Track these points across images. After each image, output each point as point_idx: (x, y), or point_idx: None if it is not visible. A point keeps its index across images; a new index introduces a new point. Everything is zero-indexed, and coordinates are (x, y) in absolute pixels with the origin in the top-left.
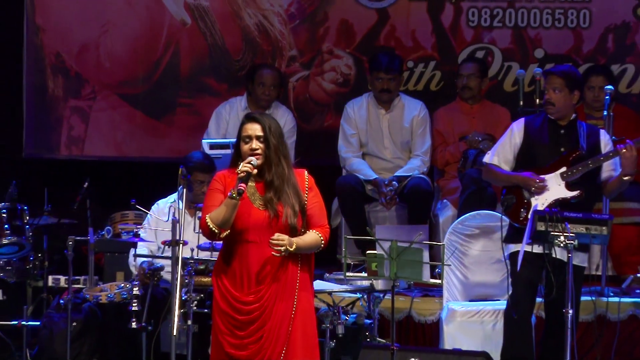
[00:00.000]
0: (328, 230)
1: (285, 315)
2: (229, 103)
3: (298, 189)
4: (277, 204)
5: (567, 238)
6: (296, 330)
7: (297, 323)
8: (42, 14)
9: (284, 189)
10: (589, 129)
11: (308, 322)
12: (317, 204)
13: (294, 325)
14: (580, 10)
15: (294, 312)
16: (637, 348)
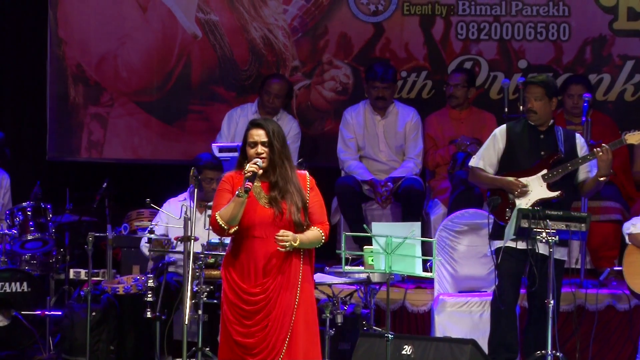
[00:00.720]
0: (328, 227)
1: (289, 305)
2: (240, 107)
3: (300, 188)
4: (281, 202)
5: (548, 234)
6: (299, 319)
7: (299, 312)
8: (64, 28)
9: (287, 189)
10: (565, 133)
11: (310, 312)
12: (318, 202)
13: (297, 315)
14: (560, 24)
15: (297, 303)
16: (614, 336)
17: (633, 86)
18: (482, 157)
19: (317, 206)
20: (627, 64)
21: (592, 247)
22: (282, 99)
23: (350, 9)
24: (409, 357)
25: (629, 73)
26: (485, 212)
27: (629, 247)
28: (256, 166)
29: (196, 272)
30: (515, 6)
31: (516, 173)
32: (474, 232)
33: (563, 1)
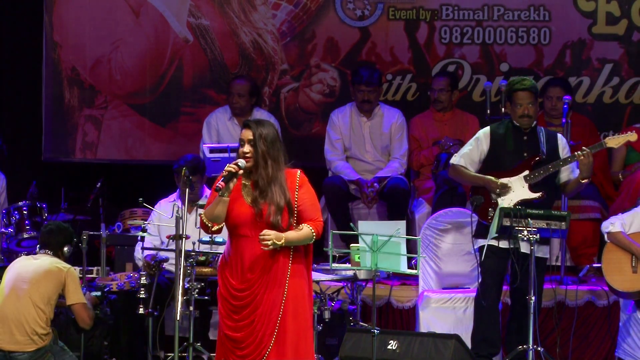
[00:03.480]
0: (320, 223)
1: (276, 302)
2: (215, 113)
3: (285, 189)
4: (261, 203)
5: (529, 232)
6: (287, 315)
7: (288, 308)
8: (59, 32)
9: (268, 189)
10: (548, 134)
11: (300, 308)
12: (308, 200)
13: (284, 311)
14: (541, 29)
15: (284, 299)
16: (593, 331)
17: (611, 89)
18: (463, 156)
19: (307, 203)
20: (605, 67)
21: (572, 244)
22: (246, 97)
23: (337, 14)
24: (394, 352)
25: (607, 76)
26: (468, 211)
27: (608, 245)
28: (235, 166)
29: (187, 270)
30: (497, 11)
31: (499, 173)
32: (458, 231)
33: (544, 6)
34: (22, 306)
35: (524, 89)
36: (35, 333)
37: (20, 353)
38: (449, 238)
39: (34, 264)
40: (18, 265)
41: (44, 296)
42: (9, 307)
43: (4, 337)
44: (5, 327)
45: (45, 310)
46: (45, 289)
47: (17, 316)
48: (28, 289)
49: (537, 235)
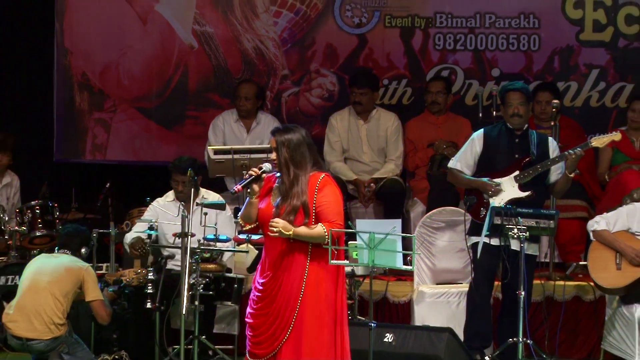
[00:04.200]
0: (336, 225)
1: (290, 300)
2: (222, 115)
3: (304, 191)
4: (282, 204)
5: (519, 230)
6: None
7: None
8: (70, 39)
9: (290, 192)
10: (539, 137)
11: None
12: (326, 202)
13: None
14: (531, 36)
15: (301, 296)
16: (580, 325)
17: (598, 93)
18: (460, 159)
19: (324, 205)
20: (592, 72)
21: (560, 242)
22: (252, 100)
23: (336, 22)
24: (390, 345)
25: (594, 81)
26: (461, 210)
27: (593, 243)
28: (255, 170)
29: (193, 266)
30: (489, 19)
31: (492, 174)
32: (451, 229)
33: (533, 14)
34: (42, 297)
35: (515, 89)
36: (52, 322)
37: (37, 341)
38: (442, 236)
39: (55, 261)
40: (39, 261)
41: (63, 290)
42: (28, 298)
43: (22, 325)
44: (23, 316)
45: (63, 302)
46: (65, 283)
47: (36, 306)
48: (48, 282)
49: (526, 233)
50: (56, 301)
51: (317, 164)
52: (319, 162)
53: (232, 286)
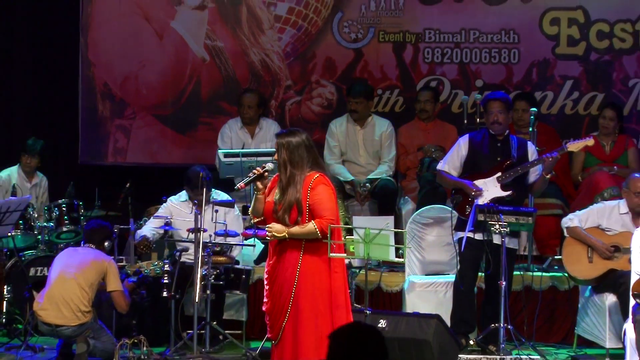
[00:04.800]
0: (325, 220)
1: (287, 283)
2: (228, 124)
3: (298, 190)
4: (280, 201)
5: (501, 226)
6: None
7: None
8: (93, 52)
9: (287, 190)
10: (519, 141)
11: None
12: (318, 200)
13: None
14: (511, 50)
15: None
16: (555, 312)
17: (572, 101)
18: (447, 162)
19: (316, 203)
20: (567, 83)
21: (537, 237)
22: (254, 108)
23: (335, 37)
24: (384, 330)
25: (568, 90)
26: (448, 208)
27: (567, 239)
28: (259, 169)
29: (205, 259)
30: (473, 34)
31: (477, 175)
32: (439, 225)
33: (513, 30)
34: (69, 287)
35: (495, 99)
36: (79, 310)
37: (65, 327)
38: (431, 231)
39: (81, 254)
40: (66, 254)
41: (88, 281)
42: (56, 288)
43: (52, 312)
44: (52, 304)
45: (88, 292)
46: (90, 274)
47: (64, 296)
48: (75, 273)
49: (507, 228)
50: (82, 291)
51: (316, 164)
52: (318, 163)
53: (240, 277)
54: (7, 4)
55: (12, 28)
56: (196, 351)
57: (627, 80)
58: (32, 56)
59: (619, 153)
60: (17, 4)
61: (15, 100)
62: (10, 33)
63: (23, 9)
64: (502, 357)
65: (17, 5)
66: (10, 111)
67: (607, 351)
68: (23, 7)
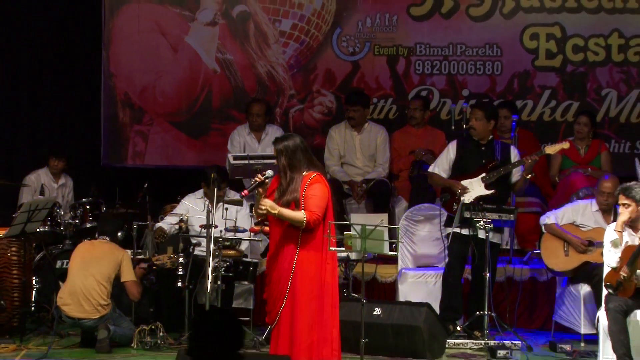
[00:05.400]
0: (314, 214)
1: (284, 274)
2: (237, 130)
3: (297, 189)
4: (278, 200)
5: (485, 222)
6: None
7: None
8: (114, 64)
9: (286, 190)
10: (503, 145)
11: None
12: (312, 196)
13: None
14: (494, 62)
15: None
16: (535, 300)
17: (550, 109)
18: (437, 165)
19: (309, 198)
20: (545, 92)
21: (519, 232)
22: (262, 116)
23: (334, 51)
24: (379, 317)
25: (546, 99)
26: (437, 206)
27: (545, 235)
28: (260, 176)
29: (216, 252)
30: (460, 48)
31: (464, 176)
32: (429, 221)
33: (496, 44)
34: (89, 283)
35: (475, 106)
36: (99, 304)
37: (87, 320)
38: (422, 227)
39: (97, 248)
40: (83, 249)
41: (105, 275)
42: (77, 284)
43: (74, 307)
44: (74, 299)
45: (106, 286)
46: (106, 269)
47: (84, 291)
48: (92, 270)
49: (491, 224)
50: (101, 286)
51: (312, 164)
52: (313, 163)
53: (248, 269)
54: (37, 21)
55: (40, 43)
56: None
57: (600, 90)
58: (59, 68)
59: (593, 156)
60: (45, 22)
61: (43, 108)
62: (39, 47)
63: (51, 26)
64: (486, 342)
65: (45, 23)
66: (38, 118)
67: (582, 336)
68: (51, 24)
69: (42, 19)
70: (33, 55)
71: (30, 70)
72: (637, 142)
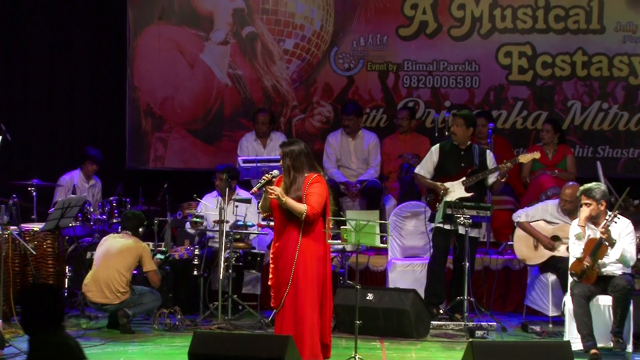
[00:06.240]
0: (313, 209)
1: (288, 261)
2: (245, 137)
3: (299, 188)
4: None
5: (465, 218)
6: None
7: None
8: (138, 79)
9: (290, 189)
10: (480, 150)
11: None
12: (312, 193)
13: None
14: (473, 77)
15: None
16: (508, 287)
17: (522, 118)
18: (422, 167)
19: (310, 195)
20: (517, 103)
21: (494, 227)
22: (267, 125)
23: (332, 67)
24: (371, 301)
25: (519, 110)
26: (422, 204)
27: (517, 230)
28: (268, 176)
29: (227, 244)
30: (443, 65)
31: (446, 177)
32: (415, 217)
33: (475, 61)
34: (110, 272)
35: (456, 115)
36: (118, 291)
37: (109, 305)
38: (409, 222)
39: (120, 242)
40: (107, 242)
41: (126, 265)
42: (100, 273)
43: (97, 294)
44: (97, 287)
45: (126, 275)
46: (127, 260)
47: (106, 280)
48: (114, 260)
49: (469, 220)
50: (121, 275)
51: (313, 167)
52: (314, 166)
53: (256, 259)
54: (72, 42)
55: (75, 61)
56: (220, 318)
57: (566, 101)
58: (90, 83)
59: (559, 159)
60: (79, 43)
61: (77, 118)
62: (72, 65)
63: (83, 46)
64: (465, 323)
65: (79, 43)
66: (72, 126)
67: (550, 319)
68: (83, 44)
69: (76, 39)
70: (69, 72)
71: (66, 84)
72: (598, 147)
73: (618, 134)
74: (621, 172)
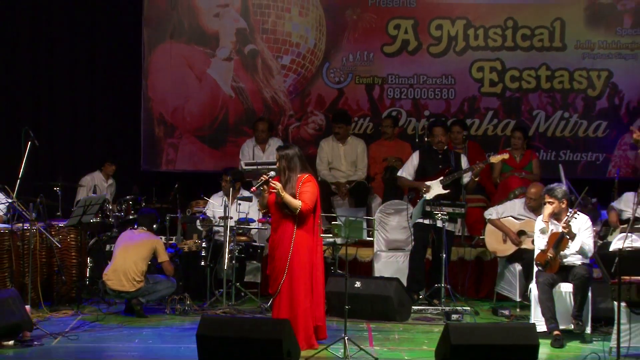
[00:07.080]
0: (306, 205)
1: (284, 253)
2: (246, 143)
3: (293, 187)
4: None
5: (442, 214)
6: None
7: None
8: (152, 91)
9: (285, 187)
10: (455, 154)
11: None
12: (305, 191)
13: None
14: (449, 89)
15: (290, 252)
16: (481, 276)
17: (492, 126)
18: (404, 170)
19: (303, 193)
20: (489, 112)
21: (468, 222)
22: (266, 132)
23: (324, 80)
24: (359, 289)
25: (490, 118)
26: (404, 202)
27: (488, 225)
28: (265, 176)
29: (231, 238)
30: (422, 78)
31: (426, 179)
32: (398, 214)
33: (451, 75)
34: (127, 263)
35: (437, 126)
36: (135, 280)
37: (126, 292)
38: (393, 218)
39: (137, 235)
40: (126, 236)
41: (141, 256)
42: (119, 263)
43: (115, 282)
44: (116, 275)
45: (142, 266)
46: (143, 252)
47: (124, 269)
48: (131, 252)
49: (446, 216)
50: (137, 265)
51: (305, 168)
52: (306, 167)
53: (257, 251)
54: (93, 57)
55: (94, 74)
56: (225, 304)
57: (532, 111)
58: (109, 94)
59: (526, 162)
60: (99, 58)
61: (97, 125)
62: (93, 78)
63: (103, 61)
64: (442, 308)
65: (99, 58)
66: (93, 133)
67: (517, 304)
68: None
69: (98, 55)
70: (90, 84)
71: (88, 95)
72: (560, 151)
73: (578, 140)
74: (581, 174)
